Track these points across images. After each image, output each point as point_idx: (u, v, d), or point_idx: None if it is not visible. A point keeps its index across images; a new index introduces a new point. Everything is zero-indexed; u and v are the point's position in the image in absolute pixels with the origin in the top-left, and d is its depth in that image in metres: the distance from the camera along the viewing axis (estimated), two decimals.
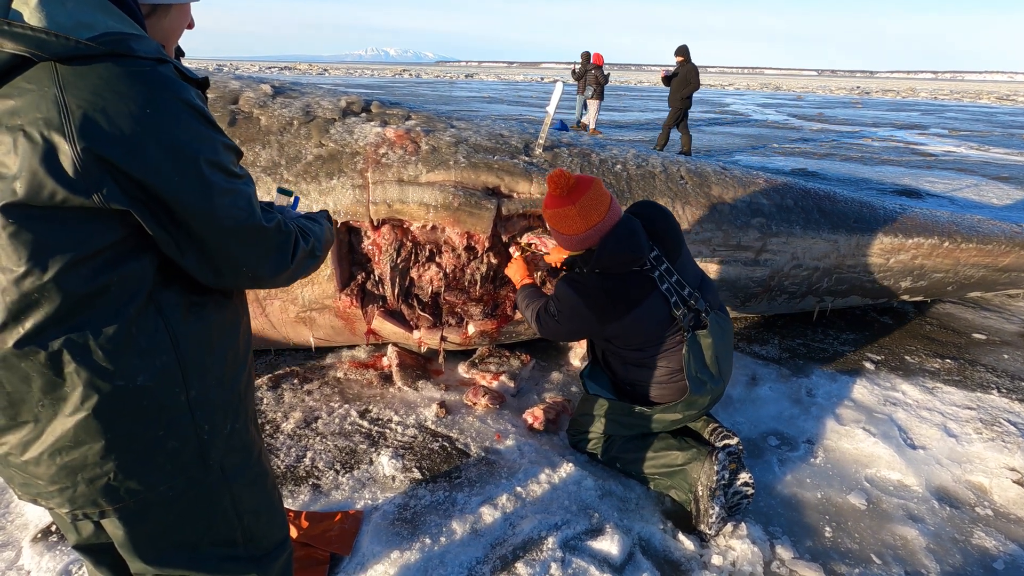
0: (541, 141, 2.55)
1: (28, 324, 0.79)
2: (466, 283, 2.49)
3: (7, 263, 0.76)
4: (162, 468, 0.91)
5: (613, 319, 1.80)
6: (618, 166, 2.61)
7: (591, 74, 11.75)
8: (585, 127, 12.09)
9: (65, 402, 0.83)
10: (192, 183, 0.81)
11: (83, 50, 0.73)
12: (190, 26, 1.01)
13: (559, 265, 2.25)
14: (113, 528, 0.95)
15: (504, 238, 2.45)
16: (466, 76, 58.84)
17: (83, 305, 0.81)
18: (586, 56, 12.47)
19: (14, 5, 0.73)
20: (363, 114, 2.58)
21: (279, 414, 2.28)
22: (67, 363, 0.81)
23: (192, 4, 0.99)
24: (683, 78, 9.34)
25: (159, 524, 0.97)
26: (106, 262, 0.81)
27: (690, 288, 1.89)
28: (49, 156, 0.73)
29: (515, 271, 2.23)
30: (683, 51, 9.57)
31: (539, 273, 2.50)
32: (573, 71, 10.51)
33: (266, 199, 1.15)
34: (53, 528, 1.71)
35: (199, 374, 0.92)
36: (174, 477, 0.93)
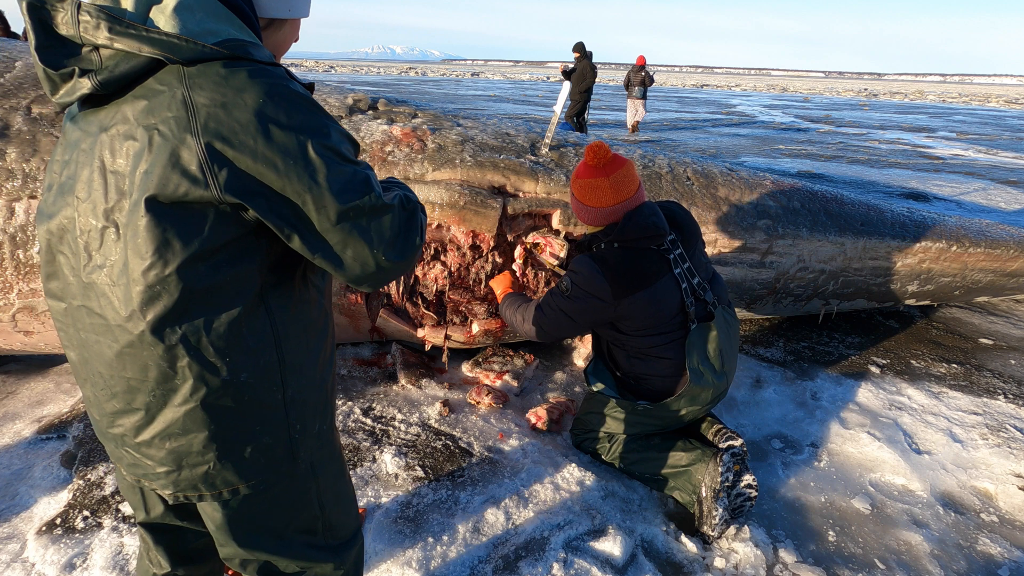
0: (548, 140, 2.55)
1: (150, 316, 0.83)
2: (471, 282, 2.48)
3: (138, 254, 0.81)
4: (256, 462, 0.96)
5: (627, 293, 1.80)
6: None
7: (636, 75, 12.00)
8: (636, 127, 12.34)
9: (176, 393, 0.88)
10: (301, 166, 0.82)
11: (209, 53, 0.79)
12: (295, 39, 1.07)
13: (556, 268, 2.25)
14: (211, 511, 1.01)
15: (509, 237, 2.45)
16: (472, 74, 58.84)
17: (199, 301, 0.85)
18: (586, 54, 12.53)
19: (151, 14, 0.80)
20: (369, 112, 2.58)
21: None
22: (181, 357, 0.86)
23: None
24: (580, 73, 9.86)
25: (251, 511, 1.02)
26: (222, 260, 0.85)
27: (700, 279, 1.90)
28: (177, 152, 0.78)
29: (499, 282, 2.24)
30: (579, 48, 10.11)
31: (542, 274, 2.49)
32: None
33: None
34: (57, 521, 1.72)
35: (295, 374, 0.96)
36: (265, 472, 0.98)
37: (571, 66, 10.23)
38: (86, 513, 1.74)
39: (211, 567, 1.23)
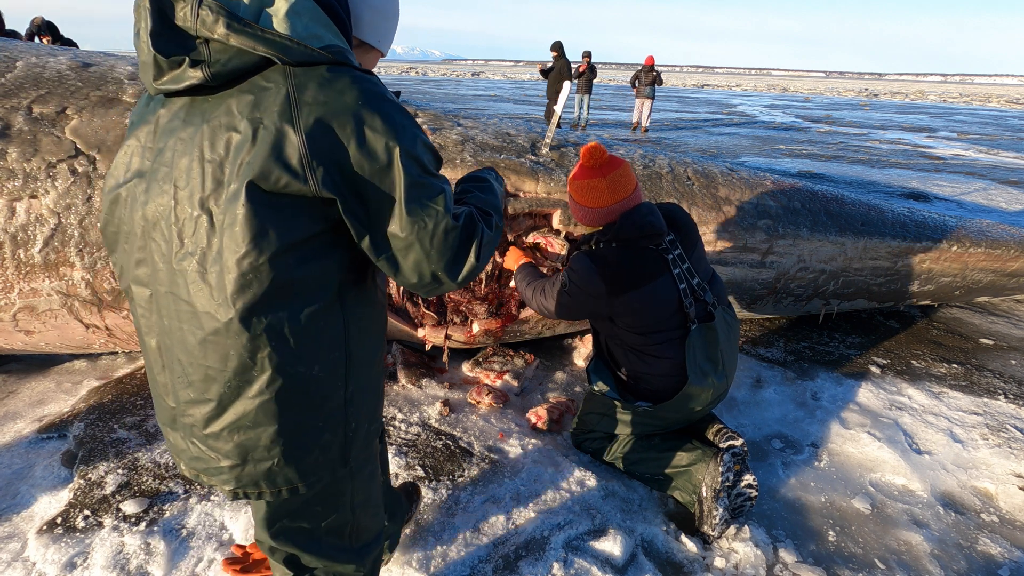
0: (548, 140, 2.55)
1: (240, 304, 0.85)
2: (471, 282, 2.48)
3: (234, 243, 0.83)
4: (316, 461, 0.99)
5: (623, 291, 1.80)
6: None
7: (647, 75, 12.22)
8: (638, 126, 12.50)
9: (251, 384, 0.90)
10: (385, 171, 0.86)
11: (315, 57, 0.84)
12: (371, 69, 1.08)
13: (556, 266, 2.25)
14: (256, 502, 1.06)
15: (510, 237, 2.45)
16: (472, 74, 58.82)
17: (285, 293, 0.87)
18: (587, 55, 12.61)
19: (261, 17, 0.85)
20: None
21: None
22: (263, 347, 0.88)
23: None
24: (558, 72, 10.05)
25: (290, 508, 1.06)
26: (308, 253, 0.88)
27: (700, 279, 1.90)
28: (280, 146, 0.81)
29: (512, 258, 2.24)
30: (557, 47, 10.30)
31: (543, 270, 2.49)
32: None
33: None
34: (58, 520, 1.72)
35: (356, 372, 0.99)
36: (321, 471, 1.00)
37: (549, 65, 10.46)
38: (87, 512, 1.74)
39: None
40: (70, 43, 5.26)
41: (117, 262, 0.98)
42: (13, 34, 5.16)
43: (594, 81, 13.22)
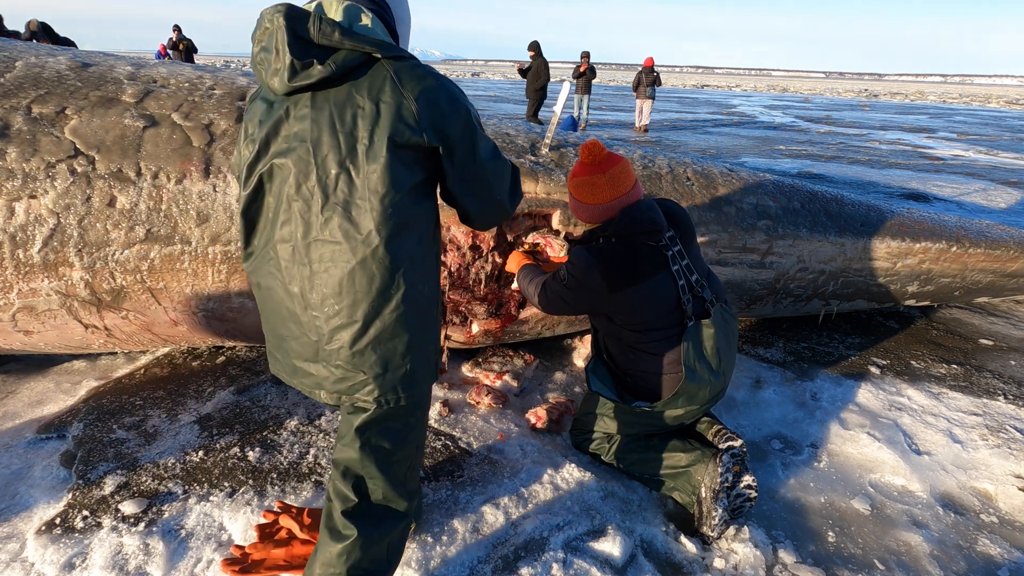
0: (547, 140, 2.55)
1: (384, 233, 1.13)
2: (471, 282, 2.48)
3: (379, 186, 1.12)
4: (425, 370, 1.26)
5: (623, 287, 1.80)
6: None
7: (647, 76, 12.48)
8: (645, 128, 12.64)
9: (390, 301, 1.16)
10: (466, 128, 1.19)
11: (398, 52, 1.16)
12: None
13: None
14: (355, 416, 1.27)
15: (509, 237, 2.45)
16: (472, 74, 58.81)
17: (409, 223, 1.16)
18: (586, 55, 12.66)
19: (355, 27, 1.16)
20: None
21: (283, 411, 2.28)
22: (400, 266, 1.15)
23: (206, 5, 1.26)
24: (535, 71, 10.17)
25: (384, 421, 1.27)
26: (420, 193, 1.18)
27: (698, 276, 1.90)
28: (400, 112, 1.12)
29: (514, 261, 2.24)
30: (535, 46, 10.49)
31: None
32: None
33: None
34: (57, 521, 1.72)
35: (437, 299, 1.28)
36: (426, 382, 1.28)
37: (527, 64, 10.57)
38: (85, 513, 1.74)
39: None
40: (68, 42, 5.26)
41: (259, 235, 1.23)
42: (16, 35, 5.15)
43: (593, 81, 13.24)
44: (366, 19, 1.16)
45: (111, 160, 2.17)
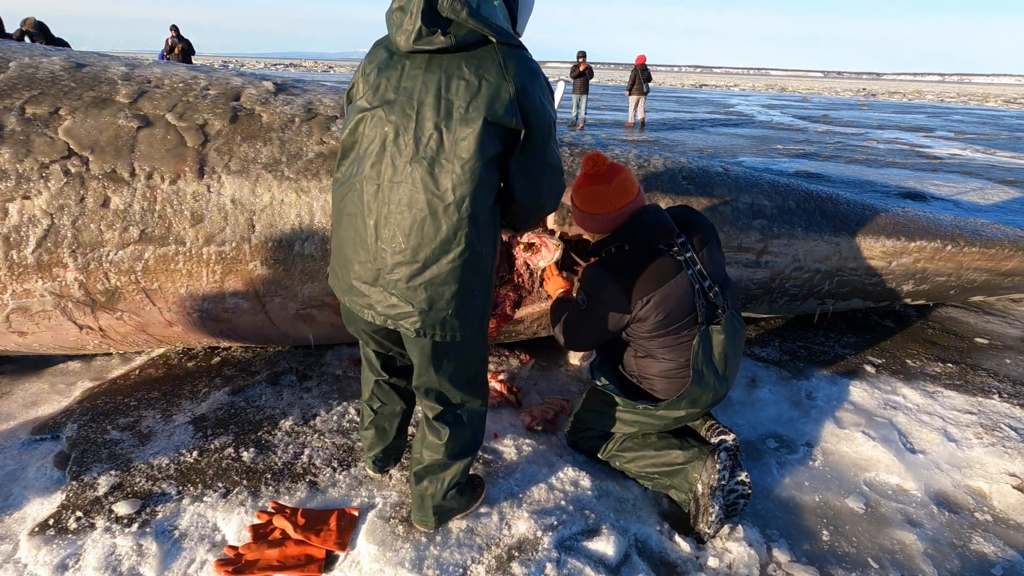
0: None
1: (459, 192, 1.29)
2: None
3: (465, 151, 1.28)
4: (468, 316, 1.42)
5: (641, 296, 1.79)
6: None
7: (643, 72, 12.96)
8: (634, 124, 13.00)
9: (449, 253, 1.33)
10: (547, 125, 1.35)
11: (512, 39, 1.32)
12: None
13: (553, 274, 2.24)
14: (421, 349, 1.47)
15: (504, 237, 2.45)
16: None
17: (480, 190, 1.31)
18: (583, 55, 12.73)
19: (482, 10, 1.30)
20: None
21: (277, 411, 2.28)
22: (464, 226, 1.31)
23: (205, 6, 1.37)
24: None
25: (450, 350, 1.49)
26: (492, 167, 1.33)
27: (712, 282, 1.89)
28: (498, 93, 1.27)
29: (552, 285, 2.21)
30: None
31: (537, 273, 2.49)
32: None
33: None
34: (50, 522, 1.72)
35: (493, 260, 1.44)
36: (472, 324, 1.45)
37: None
38: (79, 514, 1.74)
39: (408, 382, 1.75)
40: (62, 43, 5.23)
41: (346, 169, 1.40)
42: (10, 37, 5.14)
43: (591, 81, 13.27)
44: (492, 6, 1.33)
45: (105, 161, 2.17)
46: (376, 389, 1.80)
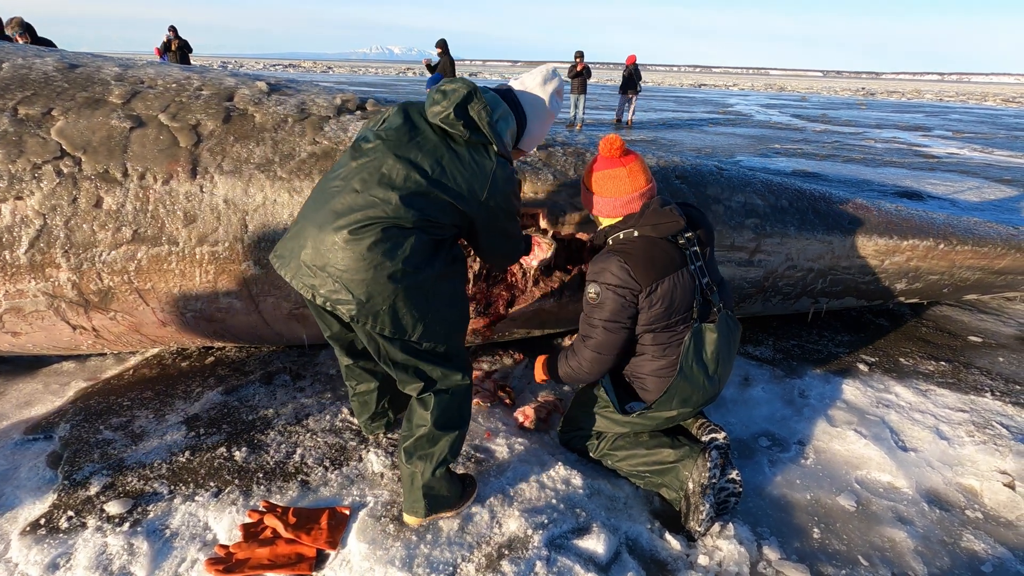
0: None
1: (412, 225, 1.52)
2: None
3: (441, 217, 1.56)
4: (409, 323, 1.57)
5: (653, 279, 1.77)
6: None
7: (636, 72, 13.48)
8: (620, 122, 13.36)
9: (395, 263, 1.50)
10: (502, 221, 1.69)
11: (506, 155, 1.67)
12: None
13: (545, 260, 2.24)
14: (368, 337, 1.62)
15: None
16: (470, 75, 58.82)
17: (429, 231, 1.56)
18: (580, 55, 12.78)
19: (497, 121, 1.65)
20: (358, 112, 2.58)
21: (270, 411, 2.29)
22: (413, 254, 1.52)
23: (205, 6, 1.48)
24: (442, 68, 10.54)
25: (407, 344, 1.63)
26: (456, 234, 1.64)
27: (710, 279, 1.90)
28: (476, 186, 1.58)
29: (539, 369, 2.17)
30: (442, 44, 10.69)
31: (530, 273, 2.49)
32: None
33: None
34: (42, 521, 1.72)
35: (453, 281, 1.67)
36: (414, 328, 1.59)
37: (434, 61, 10.84)
38: (70, 513, 1.74)
39: (375, 363, 1.96)
40: (47, 43, 5.15)
41: (343, 168, 1.60)
42: (8, 39, 5.09)
43: (589, 81, 13.29)
44: (503, 116, 1.66)
45: (97, 161, 2.17)
46: (348, 371, 2.00)
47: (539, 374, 2.18)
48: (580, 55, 12.98)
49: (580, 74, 12.77)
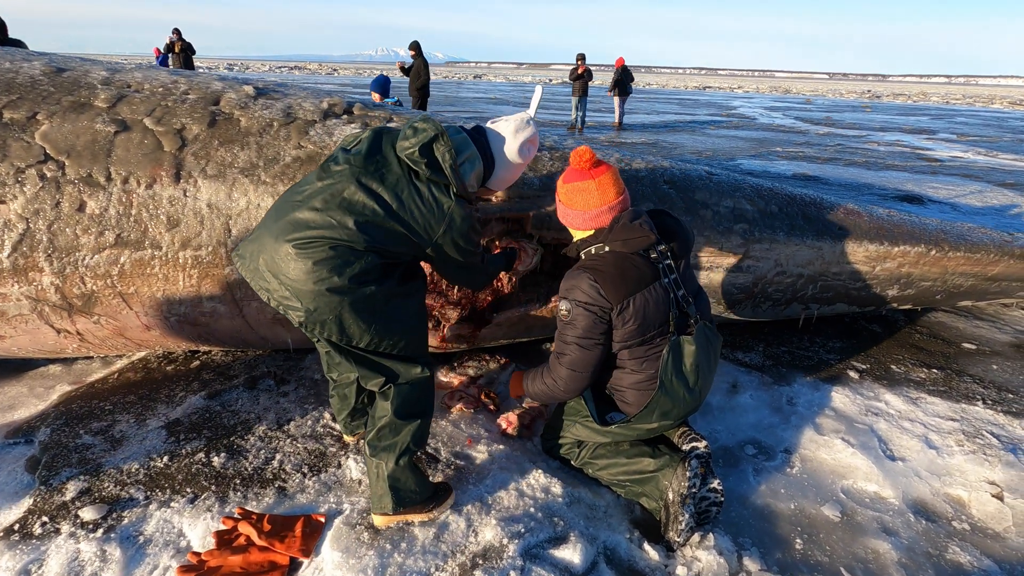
0: None
1: (365, 248, 1.60)
2: (444, 287, 2.47)
3: (393, 246, 1.64)
4: (355, 330, 1.64)
5: (623, 296, 1.75)
6: None
7: (626, 74, 13.68)
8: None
9: (343, 278, 1.56)
10: (462, 255, 1.75)
11: (467, 197, 1.75)
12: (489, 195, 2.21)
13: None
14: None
15: (482, 242, 2.44)
16: (474, 77, 58.93)
17: (381, 257, 1.63)
18: (582, 57, 12.79)
19: (463, 164, 1.73)
20: (344, 116, 2.58)
21: (252, 416, 2.28)
22: (362, 276, 1.59)
23: (202, 4, 1.53)
24: (416, 71, 10.41)
25: (358, 354, 1.72)
26: (412, 259, 1.73)
27: (686, 292, 1.87)
28: (432, 222, 1.66)
29: (514, 382, 2.14)
30: (415, 46, 10.65)
31: (516, 278, 2.48)
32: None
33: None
34: (16, 527, 1.71)
35: (405, 299, 1.72)
36: (359, 337, 1.65)
37: (408, 64, 10.73)
38: (45, 519, 1.74)
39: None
40: (17, 43, 5.00)
41: (320, 181, 1.65)
42: (21, 44, 5.04)
43: (590, 84, 13.27)
44: (469, 167, 1.74)
45: (81, 165, 2.17)
46: (328, 361, 2.04)
47: (515, 389, 2.15)
48: (582, 57, 12.98)
49: (581, 76, 12.77)
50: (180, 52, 12.70)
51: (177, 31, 12.93)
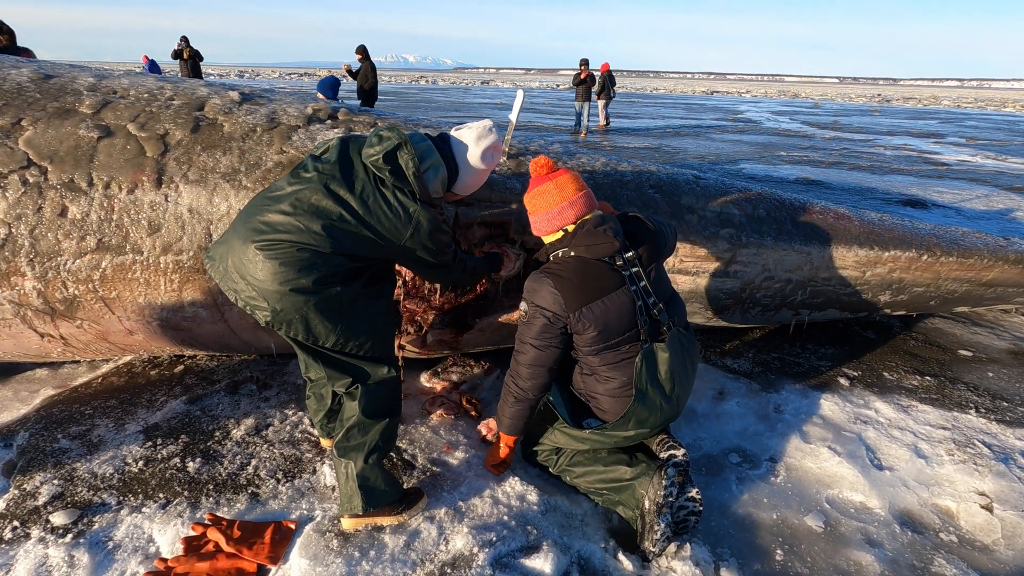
0: (504, 149, 2.52)
1: (329, 252, 1.63)
2: (426, 291, 2.46)
3: (359, 251, 1.67)
4: (322, 330, 1.68)
5: (580, 304, 1.76)
6: (584, 174, 2.57)
7: (610, 79, 14.08)
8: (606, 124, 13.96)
9: (308, 280, 1.59)
10: (422, 258, 1.77)
11: (431, 203, 1.76)
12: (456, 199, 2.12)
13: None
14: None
15: (464, 247, 2.42)
16: (482, 83, 59.16)
17: (347, 258, 1.66)
18: (585, 62, 12.84)
19: (426, 171, 1.73)
20: (328, 121, 2.58)
21: (231, 421, 2.27)
22: (328, 275, 1.63)
23: (213, 11, 1.57)
24: (363, 74, 10.51)
25: (325, 354, 1.77)
26: (384, 264, 1.80)
27: (656, 299, 1.85)
28: (398, 226, 1.68)
29: (504, 446, 2.04)
30: (362, 49, 10.70)
31: (499, 283, 2.46)
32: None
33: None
34: None
35: (373, 302, 1.75)
36: (325, 337, 1.69)
37: (356, 68, 10.74)
38: (15, 524, 1.74)
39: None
40: (25, 52, 5.00)
41: (290, 186, 1.68)
42: (29, 52, 5.06)
43: (593, 88, 13.24)
44: (432, 173, 1.74)
45: (63, 171, 2.18)
46: (306, 360, 2.01)
47: (499, 452, 2.03)
48: (585, 63, 13.00)
49: (584, 82, 12.77)
50: (188, 59, 12.85)
51: (185, 38, 13.09)
